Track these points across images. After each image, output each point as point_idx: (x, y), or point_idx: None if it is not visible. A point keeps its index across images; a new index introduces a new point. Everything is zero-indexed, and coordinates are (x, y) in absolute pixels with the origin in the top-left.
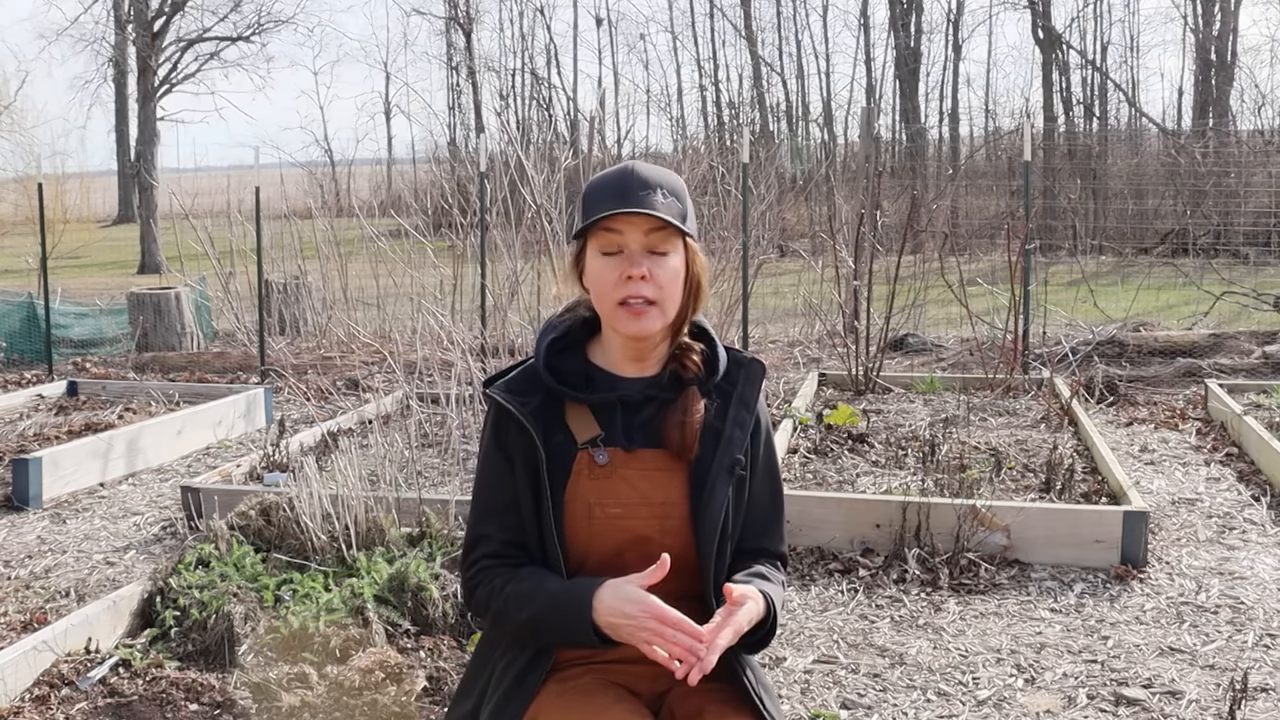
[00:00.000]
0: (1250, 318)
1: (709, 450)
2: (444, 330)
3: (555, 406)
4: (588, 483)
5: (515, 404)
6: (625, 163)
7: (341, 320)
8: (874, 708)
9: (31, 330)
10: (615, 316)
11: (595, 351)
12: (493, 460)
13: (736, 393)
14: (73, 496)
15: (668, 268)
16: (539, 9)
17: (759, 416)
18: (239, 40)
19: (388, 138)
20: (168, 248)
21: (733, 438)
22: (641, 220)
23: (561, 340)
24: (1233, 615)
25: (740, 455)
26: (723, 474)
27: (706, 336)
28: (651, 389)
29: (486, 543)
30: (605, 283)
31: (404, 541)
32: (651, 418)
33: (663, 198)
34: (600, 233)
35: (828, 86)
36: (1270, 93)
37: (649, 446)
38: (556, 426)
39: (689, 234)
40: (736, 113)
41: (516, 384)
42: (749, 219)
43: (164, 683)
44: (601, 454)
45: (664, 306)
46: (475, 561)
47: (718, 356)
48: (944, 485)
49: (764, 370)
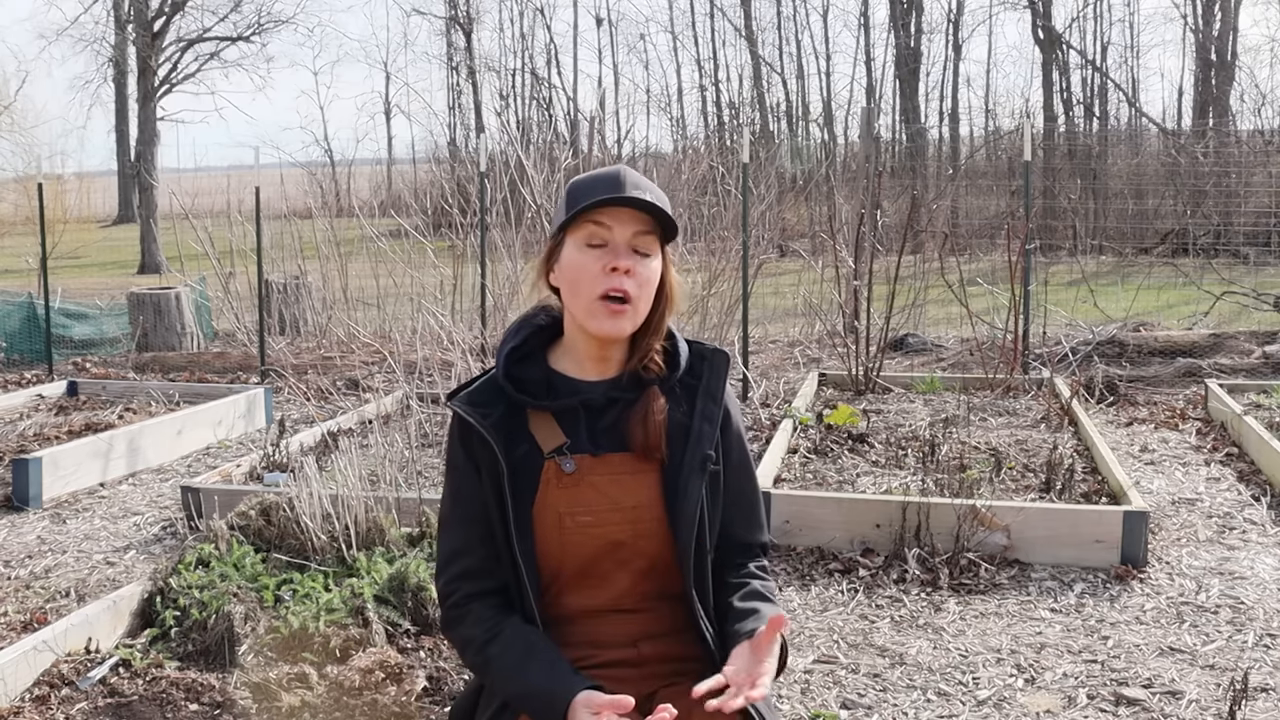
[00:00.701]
0: (1250, 318)
1: (679, 448)
2: (444, 330)
3: (518, 416)
4: (556, 492)
5: (476, 416)
6: (616, 165)
7: (341, 320)
8: (874, 708)
9: (31, 330)
10: (592, 312)
11: (555, 357)
12: (460, 473)
13: (702, 386)
14: (73, 496)
15: (649, 268)
16: (539, 9)
17: (727, 408)
18: (239, 40)
19: (388, 138)
20: (168, 248)
21: (702, 433)
22: (631, 218)
23: (520, 349)
24: (1233, 615)
25: (711, 450)
26: (695, 471)
27: (668, 333)
28: (613, 391)
29: (460, 559)
30: (586, 274)
31: (404, 541)
32: (616, 420)
33: (653, 198)
34: (586, 225)
35: (828, 86)
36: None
37: (616, 450)
38: (520, 437)
39: (671, 241)
40: (736, 113)
41: (478, 395)
42: (749, 219)
43: (164, 683)
44: (568, 462)
45: (638, 308)
46: (452, 582)
47: (679, 351)
48: (944, 485)
49: (728, 360)
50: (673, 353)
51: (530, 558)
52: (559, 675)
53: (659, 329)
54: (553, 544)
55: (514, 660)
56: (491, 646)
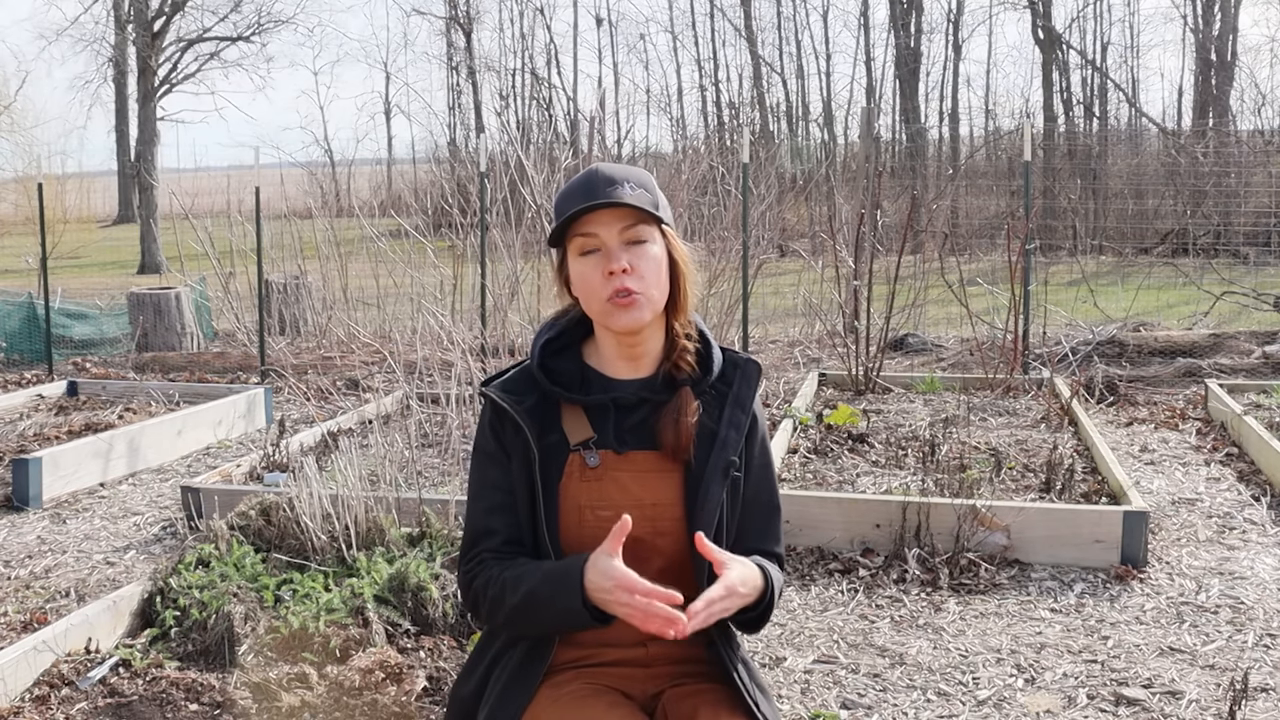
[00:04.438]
0: (1250, 318)
1: (704, 452)
2: (444, 330)
3: (550, 407)
4: (579, 485)
5: (511, 403)
6: (590, 166)
7: (341, 320)
8: (874, 708)
9: (31, 330)
10: (606, 314)
11: (590, 353)
12: (490, 458)
13: (732, 394)
14: (73, 496)
15: (649, 256)
16: (539, 9)
17: (755, 417)
18: (239, 40)
19: (388, 138)
20: (168, 248)
21: (728, 439)
22: (612, 216)
23: (556, 341)
24: (1233, 615)
25: (735, 457)
26: (717, 475)
27: (702, 337)
28: (645, 390)
29: (488, 539)
30: (590, 284)
31: (404, 541)
32: (645, 419)
33: (630, 190)
34: (575, 237)
35: (828, 86)
36: (1270, 93)
37: (642, 448)
38: (551, 427)
39: (664, 221)
40: (736, 113)
41: (512, 384)
42: (749, 219)
43: (164, 683)
44: (592, 456)
45: (650, 295)
46: (476, 554)
47: (712, 357)
48: (944, 485)
49: (760, 371)
50: (705, 356)
51: (556, 544)
52: (571, 558)
53: (684, 305)
54: (572, 536)
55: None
56: (506, 572)
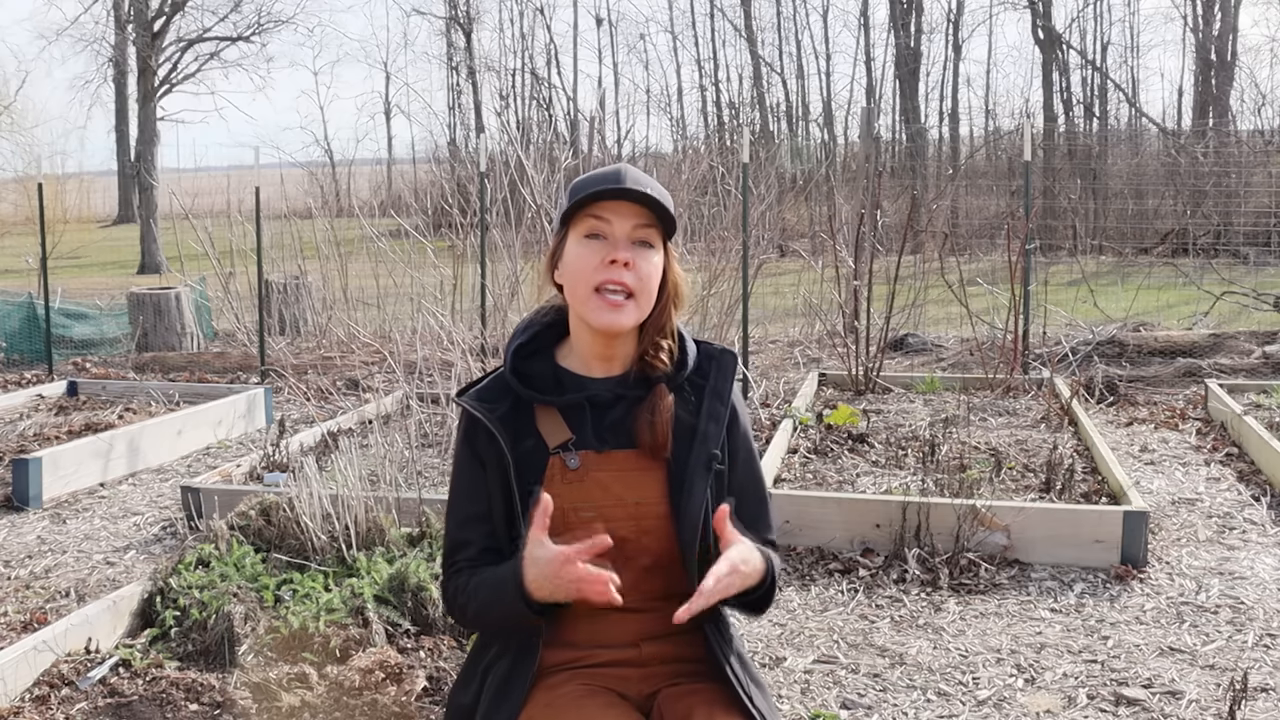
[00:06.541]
0: (1250, 318)
1: (684, 447)
2: (444, 330)
3: (525, 412)
4: (560, 487)
5: (483, 411)
6: (616, 164)
7: (341, 320)
8: (874, 708)
9: (31, 330)
10: (589, 304)
11: (563, 354)
12: (467, 467)
13: (709, 386)
14: (73, 496)
15: (650, 261)
16: (539, 9)
17: (734, 407)
18: (239, 40)
19: (388, 138)
20: (168, 248)
21: (708, 432)
22: (630, 210)
23: (529, 345)
24: (1233, 615)
25: (716, 450)
26: (700, 470)
27: (676, 333)
28: (620, 388)
29: (464, 550)
30: (585, 266)
31: (404, 541)
32: (622, 417)
33: (654, 192)
34: (586, 219)
35: (828, 86)
36: (1270, 93)
37: (621, 447)
38: (526, 432)
39: (672, 235)
40: (736, 113)
41: (486, 392)
42: (749, 219)
43: (164, 683)
44: (573, 458)
45: (640, 301)
46: (454, 565)
47: (686, 351)
48: (944, 485)
49: (736, 361)
50: (680, 352)
51: None
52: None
53: (663, 325)
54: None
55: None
56: (473, 579)
